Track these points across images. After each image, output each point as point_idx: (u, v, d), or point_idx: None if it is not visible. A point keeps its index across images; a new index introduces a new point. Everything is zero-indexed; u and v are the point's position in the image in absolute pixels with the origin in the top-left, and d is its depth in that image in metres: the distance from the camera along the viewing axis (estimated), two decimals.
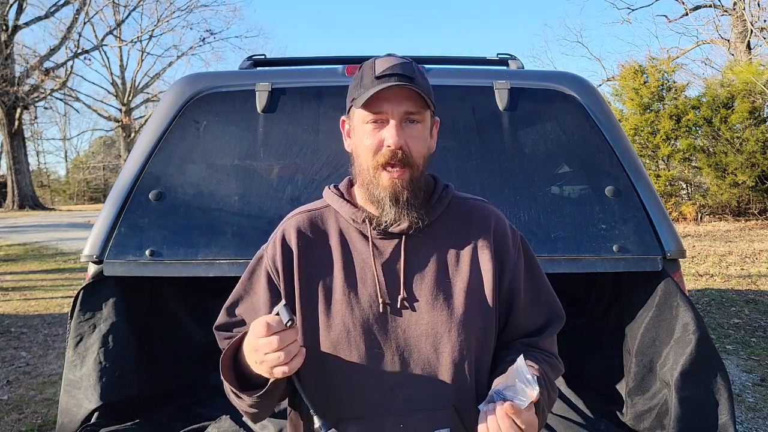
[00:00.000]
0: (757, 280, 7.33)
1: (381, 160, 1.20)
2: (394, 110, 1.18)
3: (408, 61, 1.22)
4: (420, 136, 1.22)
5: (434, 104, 1.25)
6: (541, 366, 1.25)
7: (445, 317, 1.22)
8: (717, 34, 20.90)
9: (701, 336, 1.90)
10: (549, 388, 1.24)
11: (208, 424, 2.13)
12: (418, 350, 1.22)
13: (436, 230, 1.28)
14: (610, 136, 2.22)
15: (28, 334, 5.40)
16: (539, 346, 1.31)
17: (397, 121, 1.19)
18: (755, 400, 3.64)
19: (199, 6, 32.51)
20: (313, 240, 1.29)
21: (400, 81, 1.17)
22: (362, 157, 1.23)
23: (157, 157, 2.21)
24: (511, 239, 1.32)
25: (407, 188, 1.21)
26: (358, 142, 1.24)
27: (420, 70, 1.24)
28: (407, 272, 1.24)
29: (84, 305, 2.09)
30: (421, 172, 1.24)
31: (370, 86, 1.18)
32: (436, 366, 1.21)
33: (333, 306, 1.24)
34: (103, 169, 46.17)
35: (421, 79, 1.21)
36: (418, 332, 1.22)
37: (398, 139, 1.18)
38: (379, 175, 1.21)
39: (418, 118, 1.21)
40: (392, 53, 1.26)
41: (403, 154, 1.19)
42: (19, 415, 3.52)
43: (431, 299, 1.23)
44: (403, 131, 1.19)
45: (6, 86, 24.60)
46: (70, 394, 1.99)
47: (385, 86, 1.16)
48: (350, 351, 1.21)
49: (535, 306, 1.33)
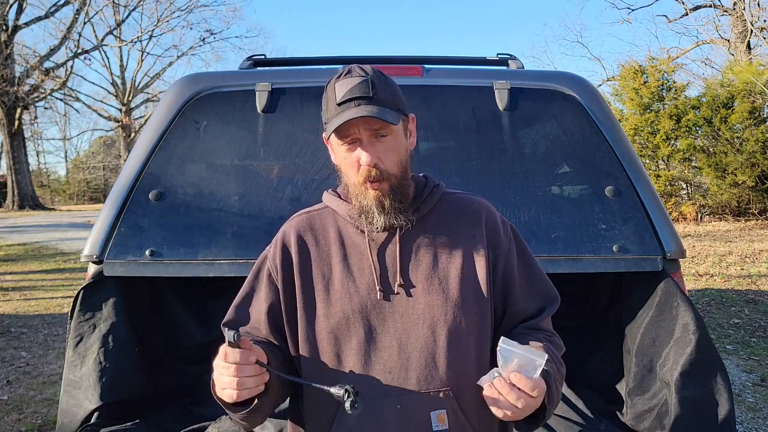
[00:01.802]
0: (757, 280, 7.33)
1: (360, 178, 1.27)
2: (361, 131, 1.24)
3: (365, 77, 1.24)
4: (392, 147, 1.27)
5: (403, 107, 1.29)
6: (545, 345, 1.29)
7: (440, 301, 1.28)
8: (717, 34, 20.92)
9: (701, 336, 1.90)
10: (557, 363, 1.29)
11: (208, 424, 2.13)
12: (415, 334, 1.27)
13: (429, 222, 1.35)
14: (610, 136, 2.22)
15: (28, 334, 5.40)
16: (539, 327, 1.37)
17: (366, 141, 1.25)
18: (755, 400, 3.64)
19: (199, 6, 32.51)
20: (312, 237, 1.36)
21: (359, 104, 1.22)
22: (346, 174, 1.31)
23: (157, 157, 2.21)
24: (502, 229, 1.38)
25: (388, 196, 1.28)
26: (340, 161, 1.32)
27: (381, 80, 1.26)
28: (403, 261, 1.31)
29: (84, 305, 2.09)
30: (402, 177, 1.30)
31: (334, 113, 1.24)
32: (433, 349, 1.26)
33: (332, 295, 1.30)
34: (103, 169, 46.17)
35: (381, 93, 1.24)
36: (415, 316, 1.28)
37: (370, 158, 1.24)
38: (365, 189, 1.28)
39: (387, 131, 1.26)
40: (352, 69, 1.27)
41: (378, 171, 1.25)
42: (19, 415, 3.52)
43: (427, 285, 1.29)
44: (375, 148, 1.25)
45: (6, 86, 24.58)
46: (70, 394, 1.99)
47: (342, 121, 1.21)
48: (350, 337, 1.27)
49: (530, 291, 1.38)
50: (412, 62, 2.49)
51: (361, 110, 1.21)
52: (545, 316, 1.37)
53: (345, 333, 1.27)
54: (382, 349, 1.26)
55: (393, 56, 2.61)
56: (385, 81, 1.28)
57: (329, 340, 1.28)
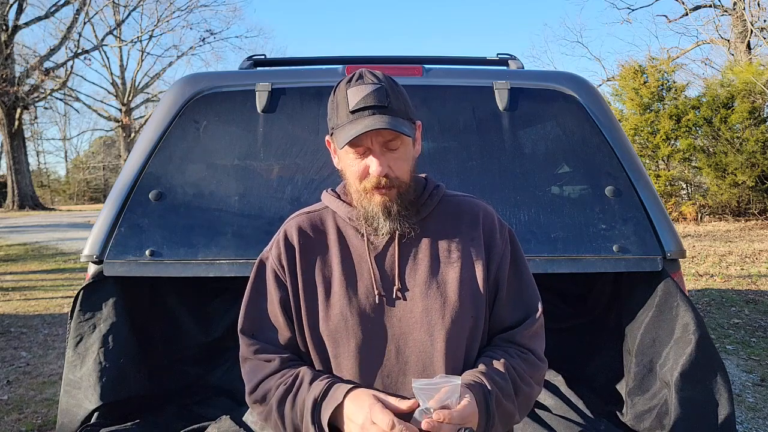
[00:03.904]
0: (757, 280, 7.32)
1: (368, 185, 1.26)
2: (373, 141, 1.23)
3: (379, 85, 1.23)
4: (402, 157, 1.27)
5: (412, 115, 1.29)
6: (509, 361, 1.28)
7: (438, 305, 1.28)
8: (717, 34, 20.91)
9: (701, 336, 1.90)
10: (517, 382, 1.27)
11: (208, 424, 2.13)
12: (413, 337, 1.27)
13: (428, 226, 1.34)
14: (610, 136, 2.22)
15: (28, 334, 5.40)
16: (515, 340, 1.34)
17: (377, 151, 1.24)
18: (755, 400, 3.64)
19: (199, 6, 32.51)
20: (313, 238, 1.36)
21: (373, 113, 1.21)
22: (351, 180, 1.30)
23: (157, 157, 2.21)
24: (498, 231, 1.37)
25: (396, 202, 1.27)
26: (345, 167, 1.30)
27: (393, 88, 1.26)
28: (401, 265, 1.31)
29: (84, 305, 2.09)
30: (409, 184, 1.30)
31: (346, 121, 1.23)
32: (430, 352, 1.26)
33: (332, 298, 1.30)
34: (103, 169, 46.16)
35: (395, 102, 1.24)
36: (413, 320, 1.28)
37: (381, 169, 1.24)
38: (371, 195, 1.27)
39: (398, 143, 1.25)
40: (363, 74, 1.26)
41: (388, 179, 1.25)
42: (19, 415, 3.52)
43: (425, 289, 1.29)
44: (385, 157, 1.25)
45: (6, 86, 24.57)
46: (70, 394, 1.99)
47: (357, 131, 1.19)
48: (348, 339, 1.27)
49: (516, 300, 1.37)
50: (412, 62, 2.49)
51: (377, 121, 1.20)
52: (524, 328, 1.34)
53: (343, 336, 1.27)
54: (380, 353, 1.27)
55: (393, 56, 2.61)
56: (397, 89, 1.27)
57: (328, 342, 1.29)
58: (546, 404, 2.34)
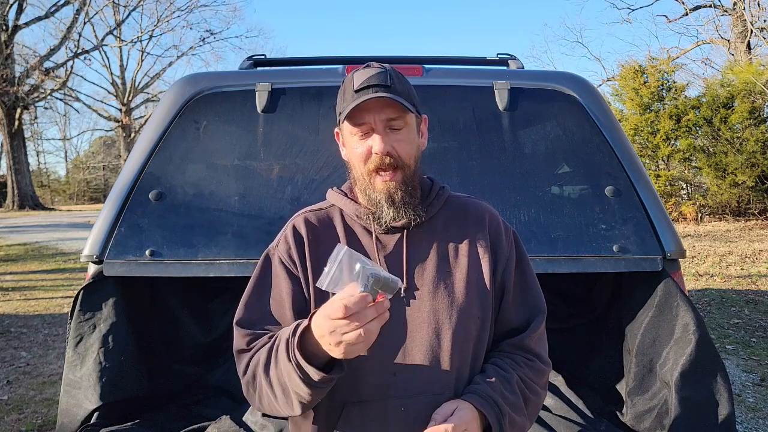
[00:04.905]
0: (757, 280, 7.32)
1: (371, 166, 1.27)
2: (376, 119, 1.25)
3: (384, 69, 1.28)
4: (405, 138, 1.28)
5: (417, 104, 1.32)
6: (517, 372, 1.30)
7: (446, 305, 1.28)
8: (717, 34, 20.91)
9: (701, 336, 1.90)
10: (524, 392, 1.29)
11: (208, 424, 2.13)
12: (420, 336, 1.27)
13: (435, 225, 1.35)
14: (610, 136, 2.22)
15: (28, 334, 5.40)
16: (523, 345, 1.35)
17: (381, 129, 1.26)
18: (755, 400, 3.64)
19: (199, 6, 32.55)
20: (321, 233, 1.35)
21: (377, 91, 1.24)
22: (356, 165, 1.31)
23: (157, 157, 2.21)
24: (504, 234, 1.39)
25: (400, 188, 1.28)
26: (351, 151, 1.32)
27: (398, 75, 1.30)
28: (409, 263, 1.31)
29: (84, 305, 2.09)
30: (414, 171, 1.31)
31: (351, 100, 1.26)
32: (437, 352, 1.26)
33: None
34: (103, 169, 46.16)
35: (398, 85, 1.28)
36: (421, 319, 1.28)
37: (384, 146, 1.25)
38: (374, 180, 1.29)
39: (401, 123, 1.27)
40: (371, 63, 1.31)
41: (391, 159, 1.26)
42: (19, 415, 3.52)
43: (432, 288, 1.29)
44: (389, 137, 1.27)
45: (6, 86, 24.57)
46: (70, 394, 1.99)
47: (361, 100, 1.23)
48: None
49: (522, 302, 1.38)
50: (412, 62, 2.49)
51: (379, 95, 1.23)
52: (530, 332, 1.35)
53: None
54: (387, 351, 1.26)
55: (393, 56, 2.61)
56: (402, 77, 1.32)
57: None
58: (546, 404, 2.34)
